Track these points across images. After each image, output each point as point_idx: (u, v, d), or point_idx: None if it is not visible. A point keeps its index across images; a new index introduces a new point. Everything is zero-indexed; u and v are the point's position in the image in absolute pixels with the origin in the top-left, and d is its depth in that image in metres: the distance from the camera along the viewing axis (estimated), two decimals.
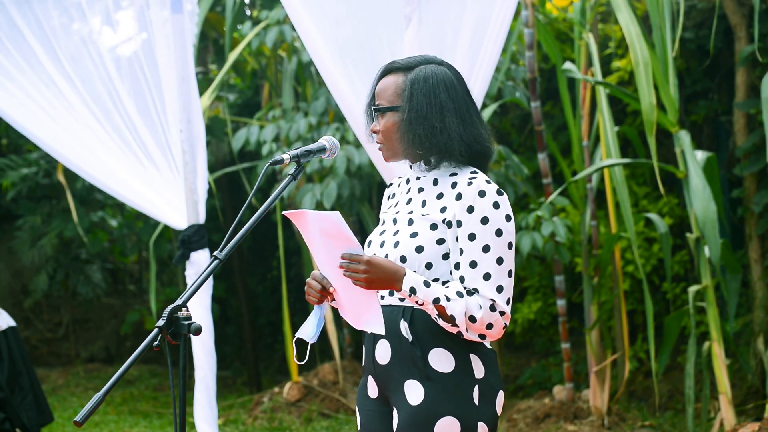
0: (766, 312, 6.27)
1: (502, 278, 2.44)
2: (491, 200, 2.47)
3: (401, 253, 2.51)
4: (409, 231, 2.54)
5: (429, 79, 2.55)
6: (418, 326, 2.51)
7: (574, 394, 6.21)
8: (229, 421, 7.11)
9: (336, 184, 6.46)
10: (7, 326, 5.08)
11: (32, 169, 8.89)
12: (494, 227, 2.45)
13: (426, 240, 2.50)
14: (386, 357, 2.55)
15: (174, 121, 4.96)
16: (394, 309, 2.54)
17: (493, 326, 2.43)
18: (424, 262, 2.50)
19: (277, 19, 6.81)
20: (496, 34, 4.13)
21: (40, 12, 5.13)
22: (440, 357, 2.49)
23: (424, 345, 2.50)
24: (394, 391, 2.54)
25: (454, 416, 2.46)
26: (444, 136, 2.52)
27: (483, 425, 2.50)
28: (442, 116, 2.53)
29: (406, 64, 2.60)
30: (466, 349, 2.50)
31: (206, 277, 2.41)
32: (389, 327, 2.53)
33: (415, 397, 2.49)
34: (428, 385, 2.48)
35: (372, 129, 2.62)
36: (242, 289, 8.63)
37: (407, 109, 2.53)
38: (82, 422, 2.17)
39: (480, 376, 2.51)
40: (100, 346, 9.96)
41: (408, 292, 2.42)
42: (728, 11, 6.28)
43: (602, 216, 7.15)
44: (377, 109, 2.58)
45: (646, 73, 5.12)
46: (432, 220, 2.52)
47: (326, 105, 6.85)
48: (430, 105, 2.53)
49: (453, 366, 2.49)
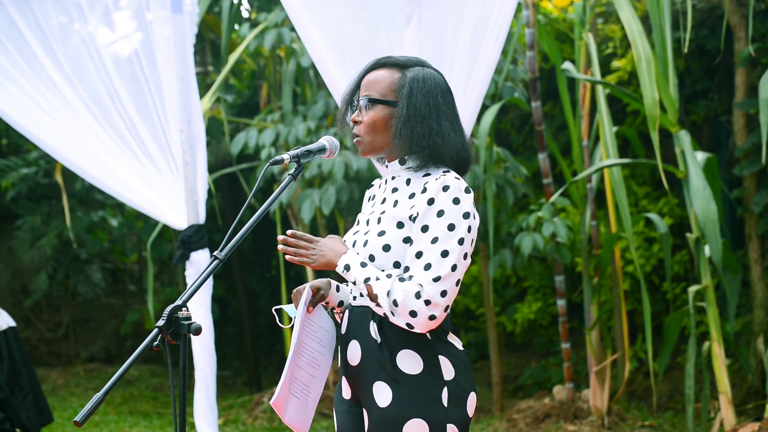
0: (766, 312, 6.27)
1: (441, 269, 2.39)
2: (452, 195, 2.44)
3: (369, 252, 2.51)
4: (377, 230, 2.53)
5: (428, 80, 2.55)
6: (387, 328, 2.49)
7: (574, 394, 6.21)
8: (229, 421, 7.11)
9: (335, 189, 6.46)
10: (7, 326, 5.08)
11: (32, 169, 8.90)
12: (448, 221, 2.42)
13: (393, 239, 2.49)
14: (356, 358, 2.54)
15: (174, 121, 4.96)
16: (364, 310, 2.54)
17: (418, 314, 2.39)
18: (392, 260, 2.48)
19: (275, 22, 6.82)
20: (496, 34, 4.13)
21: (40, 12, 5.13)
22: (408, 358, 2.47)
23: (392, 347, 2.48)
24: (364, 393, 2.53)
25: (422, 418, 2.44)
26: (439, 138, 2.52)
27: (453, 427, 2.47)
28: (438, 119, 2.53)
29: (401, 62, 2.59)
30: (434, 350, 2.48)
31: (206, 277, 2.41)
32: (359, 328, 2.53)
33: (383, 399, 2.48)
34: (396, 387, 2.47)
35: (353, 118, 2.59)
36: (242, 289, 8.63)
37: (405, 106, 2.52)
38: (82, 422, 2.17)
39: (449, 377, 2.48)
40: (100, 346, 9.96)
41: (343, 269, 2.45)
42: (728, 11, 6.28)
43: (602, 216, 7.15)
44: (371, 100, 2.55)
45: (648, 70, 5.12)
46: (399, 218, 2.50)
47: (325, 109, 6.84)
48: (429, 106, 2.52)
49: (421, 368, 2.47)
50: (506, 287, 8.09)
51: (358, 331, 2.53)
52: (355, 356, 2.54)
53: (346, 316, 2.60)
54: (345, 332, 2.58)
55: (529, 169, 7.00)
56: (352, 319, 2.57)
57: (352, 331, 2.56)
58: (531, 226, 5.93)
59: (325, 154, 2.66)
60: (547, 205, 5.96)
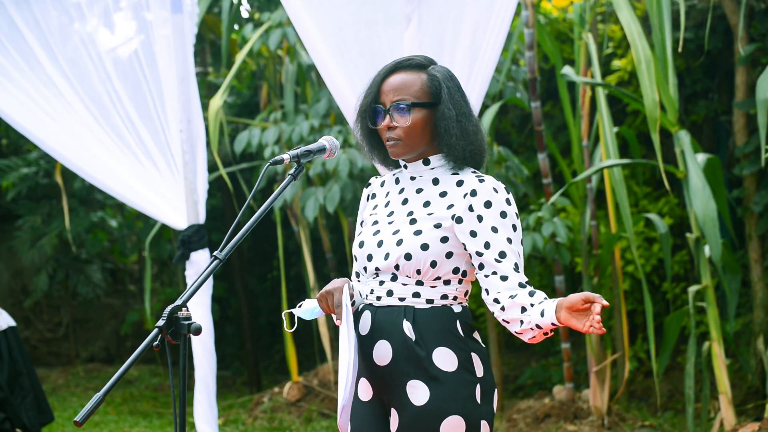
0: (766, 312, 6.27)
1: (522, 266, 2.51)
2: (504, 196, 2.53)
3: (406, 251, 2.50)
4: (412, 229, 2.53)
5: (454, 78, 2.60)
6: (421, 325, 2.50)
7: (574, 394, 6.21)
8: (229, 421, 7.11)
9: (339, 188, 6.45)
10: (7, 326, 5.08)
11: (32, 169, 8.89)
12: (510, 221, 2.52)
13: (431, 238, 2.50)
14: (386, 358, 2.53)
15: (174, 121, 4.96)
16: (394, 309, 2.53)
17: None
18: (430, 260, 2.50)
19: (279, 21, 6.81)
20: (495, 35, 4.13)
21: (39, 12, 5.13)
22: (444, 356, 2.49)
23: (428, 344, 2.49)
24: (395, 392, 2.53)
25: (460, 415, 2.47)
26: (481, 134, 2.58)
27: (485, 423, 2.51)
28: (471, 114, 2.59)
29: (420, 62, 2.60)
30: (467, 348, 2.51)
31: (206, 277, 2.41)
32: (388, 327, 2.52)
33: (419, 398, 2.49)
34: (433, 384, 2.48)
35: (387, 125, 2.56)
36: (242, 289, 8.63)
37: (450, 106, 2.54)
38: (82, 422, 2.17)
39: (480, 374, 2.52)
40: (100, 346, 9.96)
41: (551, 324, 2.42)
42: (728, 11, 6.28)
43: (602, 216, 7.15)
44: (408, 104, 2.53)
45: (648, 70, 5.12)
46: (437, 219, 2.52)
47: (328, 107, 6.84)
48: (465, 103, 2.58)
49: (456, 365, 2.49)
50: None
51: (387, 331, 2.52)
52: (384, 356, 2.53)
53: (368, 317, 2.57)
54: (369, 332, 2.56)
55: (529, 169, 7.00)
56: (378, 318, 2.55)
57: (378, 332, 2.54)
58: (531, 226, 5.93)
59: (325, 154, 2.66)
60: (547, 205, 5.96)
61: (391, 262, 2.53)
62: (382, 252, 2.55)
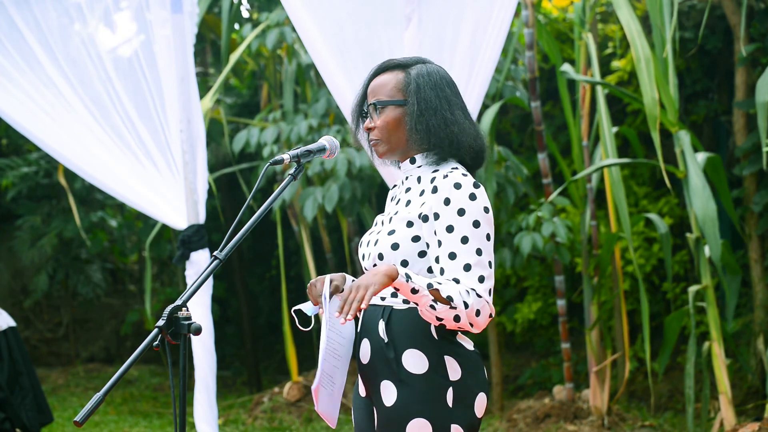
0: (766, 312, 6.27)
1: (482, 269, 2.42)
2: (467, 192, 2.45)
3: (379, 251, 2.52)
4: (387, 229, 2.55)
5: (433, 74, 2.57)
6: (395, 327, 2.51)
7: (574, 394, 6.21)
8: (229, 421, 7.11)
9: (337, 187, 6.45)
10: (7, 326, 5.08)
11: (32, 168, 8.89)
12: (471, 218, 2.43)
13: (401, 237, 2.50)
14: (367, 356, 2.56)
15: (174, 121, 4.96)
16: (375, 309, 2.55)
17: (480, 313, 2.40)
18: (400, 259, 2.50)
19: (277, 21, 6.81)
20: (495, 35, 4.13)
21: (39, 13, 5.13)
22: (414, 358, 2.48)
23: (398, 346, 2.49)
24: (373, 391, 2.56)
25: (425, 418, 2.45)
26: (455, 127, 2.53)
27: (457, 427, 2.47)
28: (451, 108, 2.54)
29: (403, 62, 2.61)
30: (440, 350, 2.49)
31: (206, 277, 2.41)
32: (370, 326, 2.55)
33: (389, 398, 2.50)
34: (400, 386, 2.48)
35: (366, 126, 2.60)
36: (242, 289, 8.63)
37: (415, 102, 2.52)
38: (82, 422, 2.17)
39: (455, 378, 2.48)
40: (100, 346, 9.96)
41: (404, 278, 2.33)
42: (728, 11, 6.28)
43: (602, 216, 7.15)
44: (380, 103, 2.55)
45: (647, 70, 5.12)
46: (408, 218, 2.52)
47: (327, 107, 6.84)
48: (438, 98, 2.54)
49: (426, 368, 2.47)
50: (506, 287, 8.09)
51: (368, 330, 2.55)
52: (366, 354, 2.56)
53: (359, 315, 2.59)
54: (359, 330, 2.61)
55: (529, 169, 7.00)
56: (365, 317, 2.58)
57: (364, 330, 2.58)
58: (530, 225, 5.93)
59: (325, 154, 2.67)
60: (547, 204, 5.96)
61: (369, 262, 2.56)
62: (368, 251, 2.59)
